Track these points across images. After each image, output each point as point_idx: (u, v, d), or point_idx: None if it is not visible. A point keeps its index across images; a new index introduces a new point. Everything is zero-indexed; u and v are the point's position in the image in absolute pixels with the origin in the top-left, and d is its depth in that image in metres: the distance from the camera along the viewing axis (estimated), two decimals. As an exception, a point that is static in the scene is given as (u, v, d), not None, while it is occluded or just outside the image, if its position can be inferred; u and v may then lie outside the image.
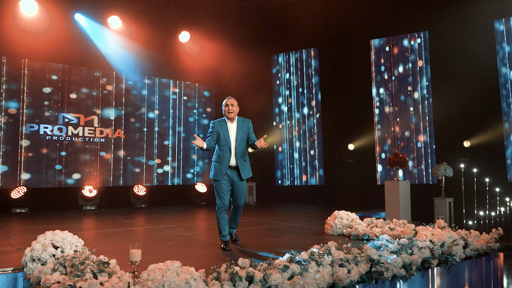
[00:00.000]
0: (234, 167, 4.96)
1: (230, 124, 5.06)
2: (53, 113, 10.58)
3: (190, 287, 2.59)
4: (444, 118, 10.65)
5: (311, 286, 3.00)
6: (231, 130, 5.02)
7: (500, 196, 8.97)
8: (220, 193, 4.91)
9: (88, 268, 2.99)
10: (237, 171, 4.98)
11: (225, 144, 4.93)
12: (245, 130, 5.08)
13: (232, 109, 5.04)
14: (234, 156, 4.95)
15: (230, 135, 4.98)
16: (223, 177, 4.90)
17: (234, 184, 5.00)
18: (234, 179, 4.98)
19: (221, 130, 4.97)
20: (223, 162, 4.91)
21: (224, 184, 4.91)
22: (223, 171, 4.89)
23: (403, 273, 3.56)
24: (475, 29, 10.16)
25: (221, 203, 4.91)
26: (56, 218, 8.35)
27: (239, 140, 5.00)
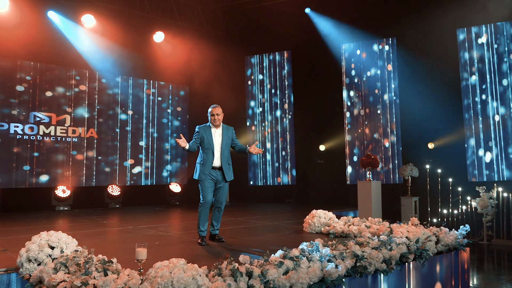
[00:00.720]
0: (218, 167, 5.32)
1: (214, 130, 5.41)
2: (24, 112, 10.37)
3: (196, 283, 2.76)
4: (410, 121, 11.19)
5: (305, 280, 3.24)
6: (215, 135, 5.38)
7: (461, 195, 9.54)
8: (204, 191, 5.24)
9: (92, 266, 3.11)
10: (221, 172, 5.35)
11: (209, 147, 5.29)
12: (229, 136, 5.48)
13: (218, 118, 5.40)
14: (219, 158, 5.32)
15: (213, 140, 5.33)
16: (206, 177, 5.24)
17: (217, 184, 5.35)
18: (218, 179, 5.34)
19: (205, 135, 5.32)
20: (206, 164, 5.26)
21: (208, 183, 5.26)
22: (205, 172, 5.24)
23: (384, 267, 3.87)
24: (439, 37, 10.74)
25: (204, 200, 5.24)
26: (30, 219, 8.23)
27: (224, 145, 5.38)
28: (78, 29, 10.89)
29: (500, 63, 10.32)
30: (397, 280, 4.09)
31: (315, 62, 12.64)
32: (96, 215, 9.09)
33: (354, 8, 11.69)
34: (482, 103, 10.47)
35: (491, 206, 8.63)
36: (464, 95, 10.70)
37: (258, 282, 3.02)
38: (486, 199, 8.64)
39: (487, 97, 10.42)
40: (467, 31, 10.78)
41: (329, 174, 12.51)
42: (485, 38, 10.55)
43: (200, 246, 5.19)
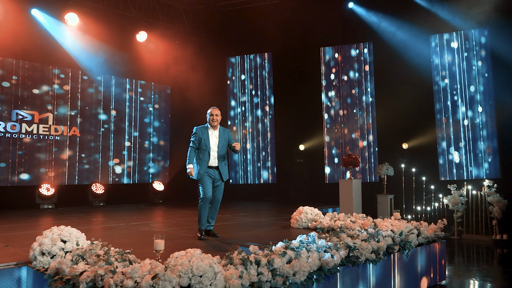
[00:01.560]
0: (215, 167, 5.59)
1: (212, 131, 5.65)
2: (6, 109, 10.30)
3: (213, 270, 3.04)
4: (386, 122, 11.75)
5: (306, 268, 3.56)
6: (213, 136, 5.63)
7: (434, 193, 10.10)
8: (204, 186, 5.48)
9: (112, 257, 3.33)
10: (218, 171, 5.62)
11: (205, 148, 5.53)
12: (225, 138, 5.73)
13: (216, 119, 5.65)
14: (215, 158, 5.58)
15: (210, 141, 5.58)
16: (204, 174, 5.49)
17: (215, 182, 5.62)
18: (216, 178, 5.61)
19: (203, 136, 5.56)
20: (202, 164, 5.51)
21: (208, 179, 5.52)
22: (201, 172, 5.49)
23: (373, 257, 4.24)
24: (413, 42, 11.30)
25: (204, 195, 5.47)
26: (17, 217, 8.25)
27: (220, 146, 5.63)
28: (61, 27, 10.90)
29: (469, 68, 10.97)
30: (384, 268, 4.47)
31: (295, 64, 13.04)
32: (82, 213, 9.16)
33: (333, 13, 12.13)
34: (453, 107, 11.11)
35: (461, 203, 9.19)
36: (436, 99, 11.31)
37: (266, 269, 3.32)
38: (457, 196, 9.20)
39: (457, 101, 11.05)
40: (439, 37, 11.39)
41: (308, 173, 12.93)
42: (455, 45, 11.18)
43: (198, 240, 5.41)
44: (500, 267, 6.73)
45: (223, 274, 3.11)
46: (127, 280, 2.77)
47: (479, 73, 10.84)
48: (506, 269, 6.52)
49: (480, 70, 10.84)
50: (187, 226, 6.84)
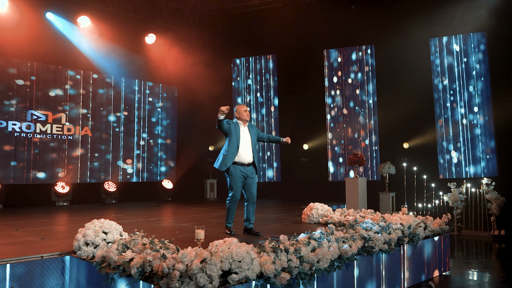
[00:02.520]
0: (248, 164, 5.59)
1: (242, 127, 5.67)
2: (21, 110, 10.64)
3: (250, 256, 3.42)
4: (388, 123, 12.16)
5: (328, 256, 3.95)
6: (244, 132, 5.64)
7: (434, 190, 10.52)
8: (234, 187, 5.51)
9: (157, 245, 3.72)
10: (251, 167, 5.63)
11: (235, 142, 5.52)
12: (255, 132, 5.79)
13: (249, 114, 5.75)
14: (247, 154, 5.57)
15: (241, 136, 5.57)
16: (235, 176, 5.50)
17: (248, 179, 5.60)
18: (248, 174, 5.58)
19: (234, 130, 5.56)
20: (229, 157, 5.48)
21: (239, 181, 5.53)
22: (227, 163, 5.47)
23: (386, 248, 4.64)
24: (413, 45, 11.70)
25: (234, 195, 5.53)
26: (37, 214, 8.60)
27: (254, 142, 5.68)
28: (74, 30, 11.22)
29: (467, 71, 11.41)
30: (395, 258, 4.88)
31: (299, 66, 13.42)
32: (97, 209, 9.52)
33: (336, 16, 12.52)
34: (452, 108, 11.54)
35: (461, 201, 9.63)
36: (436, 100, 11.74)
37: (294, 257, 3.71)
38: (457, 194, 9.64)
39: (456, 102, 11.49)
40: (438, 40, 11.82)
41: (312, 172, 13.33)
42: (454, 48, 11.61)
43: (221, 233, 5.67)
44: (498, 260, 7.15)
45: (258, 260, 3.50)
46: (178, 264, 3.15)
47: (477, 75, 11.28)
48: (504, 261, 6.94)
49: (478, 72, 11.27)
50: (204, 222, 7.22)
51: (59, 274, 4.33)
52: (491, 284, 5.41)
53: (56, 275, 4.30)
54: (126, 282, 3.51)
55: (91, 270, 4.05)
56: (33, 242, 5.14)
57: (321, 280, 3.92)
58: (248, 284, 3.36)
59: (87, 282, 4.12)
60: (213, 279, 3.14)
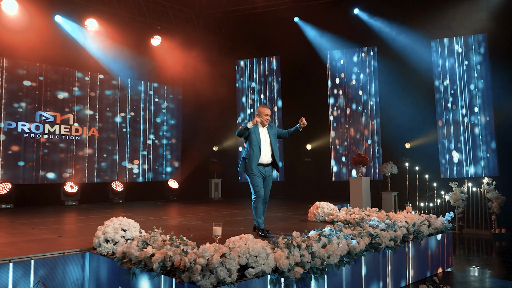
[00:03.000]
0: (266, 164, 5.61)
1: (262, 129, 5.65)
2: (30, 111, 10.83)
3: (266, 251, 3.62)
4: (390, 123, 12.36)
5: (338, 252, 4.15)
6: (263, 133, 5.63)
7: (436, 190, 10.72)
8: (256, 186, 5.52)
9: (176, 242, 3.91)
10: (270, 168, 5.68)
11: (256, 145, 5.53)
12: (274, 133, 5.75)
13: (269, 119, 5.67)
14: (266, 156, 5.59)
15: (261, 138, 5.57)
16: (256, 173, 5.52)
17: (265, 179, 5.65)
18: (266, 175, 5.63)
19: (254, 132, 5.55)
20: (252, 160, 5.51)
21: (259, 179, 5.54)
22: (252, 167, 5.50)
23: (392, 244, 4.84)
24: (415, 46, 11.90)
25: (257, 195, 5.52)
26: (48, 213, 8.80)
27: (273, 143, 5.67)
28: (82, 32, 11.42)
29: (468, 72, 11.60)
30: (401, 255, 5.08)
31: (302, 67, 13.61)
32: (106, 208, 9.72)
33: (340, 18, 12.72)
34: (453, 108, 11.74)
35: (462, 200, 9.83)
36: (437, 101, 11.94)
37: (306, 252, 3.90)
38: (458, 193, 9.83)
39: (457, 103, 11.68)
40: (440, 42, 12.02)
41: (315, 171, 13.53)
42: (455, 49, 11.81)
43: (229, 231, 5.87)
44: (499, 257, 7.36)
45: (273, 255, 3.70)
46: (199, 259, 3.34)
47: (478, 76, 11.47)
48: (505, 259, 7.14)
49: (479, 73, 11.47)
50: (213, 220, 7.41)
51: (80, 269, 4.53)
52: (492, 280, 5.61)
53: (76, 270, 4.50)
54: (147, 277, 3.71)
55: (111, 266, 4.25)
56: (51, 240, 5.34)
57: (331, 275, 4.12)
58: (264, 277, 3.56)
59: (107, 277, 4.32)
60: (232, 272, 3.34)
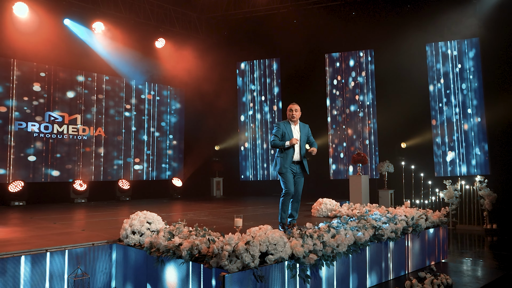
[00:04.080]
0: (297, 161, 5.73)
1: (293, 126, 5.77)
2: (39, 111, 11.17)
3: (283, 240, 4.04)
4: (386, 124, 12.84)
5: (345, 242, 4.58)
6: (294, 131, 5.75)
7: (431, 188, 11.19)
8: (287, 183, 5.60)
9: (200, 232, 4.33)
10: (299, 166, 5.78)
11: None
12: (305, 133, 5.86)
13: (295, 114, 5.77)
14: (298, 153, 5.70)
15: (294, 136, 5.68)
16: (287, 170, 5.61)
17: (296, 177, 5.75)
18: (297, 172, 5.74)
19: (286, 131, 5.65)
20: (287, 158, 5.61)
21: (290, 175, 5.64)
22: (286, 165, 5.60)
23: (393, 236, 5.28)
24: (411, 50, 12.38)
25: (288, 191, 5.62)
26: (61, 209, 9.16)
27: (302, 141, 5.77)
28: (90, 35, 11.77)
29: (461, 74, 12.11)
30: (401, 245, 5.53)
31: (302, 69, 14.04)
32: (115, 206, 10.09)
33: (338, 21, 13.15)
34: (447, 109, 12.24)
35: (456, 197, 10.31)
36: (432, 102, 12.44)
37: (318, 241, 4.33)
38: (452, 191, 10.31)
39: (450, 104, 12.19)
40: (434, 46, 12.51)
41: (314, 170, 13.91)
42: (449, 53, 12.31)
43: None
44: (491, 251, 7.83)
45: (289, 244, 4.12)
46: (226, 246, 3.75)
47: (471, 79, 11.98)
48: (496, 251, 7.62)
49: (472, 76, 11.98)
50: (222, 215, 7.83)
51: (108, 258, 4.92)
52: (484, 270, 6.08)
53: (105, 259, 4.90)
54: (175, 263, 4.11)
55: (138, 255, 4.65)
56: (75, 233, 5.72)
57: (340, 262, 4.55)
58: (282, 263, 3.97)
59: (134, 265, 4.72)
60: (255, 258, 3.75)
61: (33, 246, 4.53)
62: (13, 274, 4.18)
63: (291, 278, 4.01)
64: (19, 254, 4.27)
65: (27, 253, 4.33)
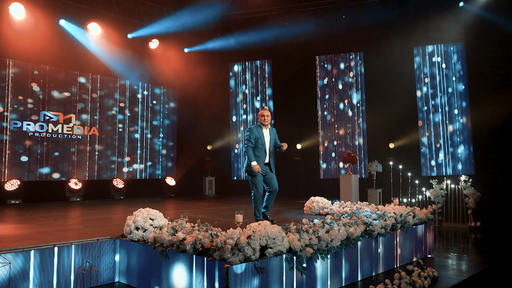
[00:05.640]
0: (267, 163, 6.23)
1: (265, 130, 6.20)
2: (35, 111, 11.28)
3: (282, 235, 4.31)
4: (375, 124, 13.20)
5: (339, 237, 4.87)
6: (266, 135, 6.19)
7: (418, 187, 11.56)
8: (257, 184, 6.11)
9: (203, 227, 4.57)
10: (268, 167, 6.28)
11: (262, 147, 6.10)
12: (273, 136, 6.31)
13: (267, 119, 6.18)
14: (268, 156, 6.22)
15: (265, 140, 6.15)
16: (257, 174, 6.05)
17: (268, 175, 6.24)
18: (267, 172, 6.24)
19: (259, 135, 6.09)
20: (259, 162, 6.06)
21: (260, 177, 6.12)
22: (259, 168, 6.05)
23: (383, 232, 5.59)
24: (399, 52, 12.74)
25: (258, 191, 6.12)
26: (58, 208, 9.31)
27: (271, 144, 6.27)
28: (85, 36, 11.91)
29: (448, 77, 12.52)
30: (390, 241, 5.84)
31: (293, 70, 14.30)
32: (109, 204, 10.26)
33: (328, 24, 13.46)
34: (433, 111, 12.64)
35: (442, 196, 10.69)
36: (419, 104, 12.83)
37: (313, 236, 4.61)
38: (438, 190, 10.69)
39: (437, 106, 12.59)
40: (422, 49, 12.90)
41: (304, 169, 14.29)
42: (436, 56, 12.71)
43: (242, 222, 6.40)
44: (475, 247, 8.20)
45: (287, 238, 4.39)
46: (229, 240, 4.01)
47: (457, 82, 12.40)
48: (479, 247, 7.99)
49: (457, 79, 12.40)
50: (218, 213, 8.07)
51: (112, 253, 5.14)
52: (468, 264, 6.42)
53: (109, 254, 5.11)
54: (180, 257, 4.35)
55: (142, 249, 4.88)
56: (78, 230, 5.92)
57: (333, 256, 4.84)
58: (280, 256, 4.24)
59: (137, 259, 4.94)
60: (255, 251, 4.02)
61: (41, 241, 4.74)
62: (23, 267, 4.38)
63: (289, 270, 4.28)
64: (29, 249, 4.47)
65: (36, 247, 4.54)
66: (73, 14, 11.66)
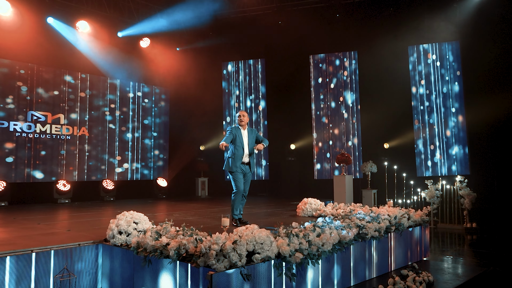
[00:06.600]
0: (246, 163, 6.44)
1: (242, 131, 6.47)
2: (22, 110, 11.02)
3: (270, 239, 4.10)
4: (370, 125, 13.03)
5: (330, 241, 4.67)
6: (244, 135, 6.46)
7: (413, 187, 11.41)
8: (237, 182, 6.30)
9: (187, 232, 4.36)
10: (248, 166, 6.47)
11: (240, 145, 6.35)
12: (253, 136, 6.53)
13: (243, 119, 6.47)
14: (247, 155, 6.42)
15: (243, 139, 6.41)
16: (237, 170, 6.30)
17: (245, 176, 6.44)
18: (246, 171, 6.43)
19: (237, 135, 6.35)
20: (237, 159, 6.32)
21: (240, 175, 6.33)
22: (236, 165, 6.30)
23: (376, 235, 5.40)
24: (394, 52, 12.56)
25: (238, 189, 6.30)
26: (44, 210, 9.07)
27: (251, 144, 6.47)
28: (73, 34, 11.66)
29: (443, 77, 12.37)
30: (384, 244, 5.64)
31: (286, 70, 14.12)
32: (98, 206, 10.02)
33: (322, 23, 13.29)
34: (428, 111, 12.48)
35: (437, 197, 10.54)
36: (413, 103, 12.66)
37: (304, 240, 4.41)
38: (433, 190, 10.54)
39: (432, 106, 12.43)
40: (416, 48, 12.75)
41: (298, 170, 14.09)
42: (431, 55, 12.56)
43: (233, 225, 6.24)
44: (471, 248, 8.05)
45: (276, 243, 4.18)
46: (214, 245, 3.80)
47: (452, 81, 12.25)
48: (475, 249, 7.83)
49: (452, 78, 12.25)
50: (208, 215, 7.86)
51: (94, 258, 4.92)
52: (464, 267, 6.25)
53: (91, 260, 4.89)
54: (163, 263, 4.14)
55: (125, 255, 4.66)
56: (61, 234, 5.69)
57: (325, 261, 4.64)
58: (269, 262, 4.04)
59: (120, 264, 4.72)
60: (242, 257, 3.81)
61: (18, 247, 4.51)
62: (-2, 275, 4.15)
63: (278, 276, 4.08)
64: (4, 255, 4.24)
65: (12, 253, 4.31)
66: (62, 12, 11.41)
